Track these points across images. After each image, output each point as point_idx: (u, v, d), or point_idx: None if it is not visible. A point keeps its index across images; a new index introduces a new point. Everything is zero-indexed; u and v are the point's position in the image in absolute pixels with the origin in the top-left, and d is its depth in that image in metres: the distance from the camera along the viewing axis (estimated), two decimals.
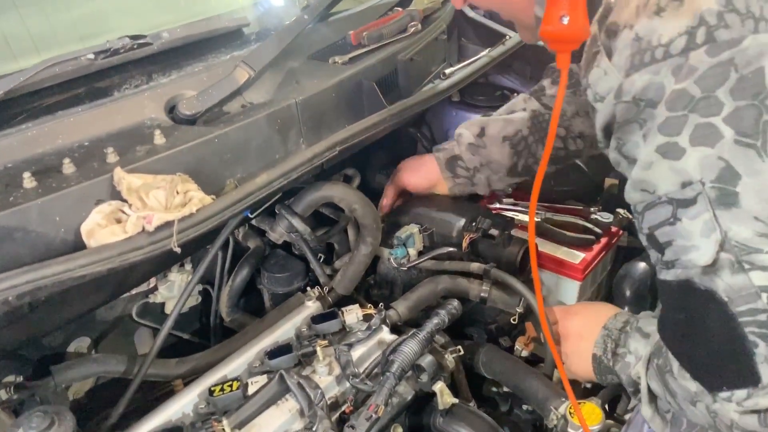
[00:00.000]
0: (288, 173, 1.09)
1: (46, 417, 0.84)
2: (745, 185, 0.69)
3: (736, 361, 0.75)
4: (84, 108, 1.05)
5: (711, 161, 0.70)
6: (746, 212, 0.70)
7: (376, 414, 1.03)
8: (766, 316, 0.72)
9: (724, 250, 0.72)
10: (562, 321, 1.17)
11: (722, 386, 0.78)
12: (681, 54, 0.71)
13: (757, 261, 0.71)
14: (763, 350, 0.73)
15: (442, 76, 1.47)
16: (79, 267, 0.84)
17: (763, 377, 0.74)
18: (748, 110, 0.68)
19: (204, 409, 1.06)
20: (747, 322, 0.73)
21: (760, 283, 0.72)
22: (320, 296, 1.31)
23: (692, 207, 0.73)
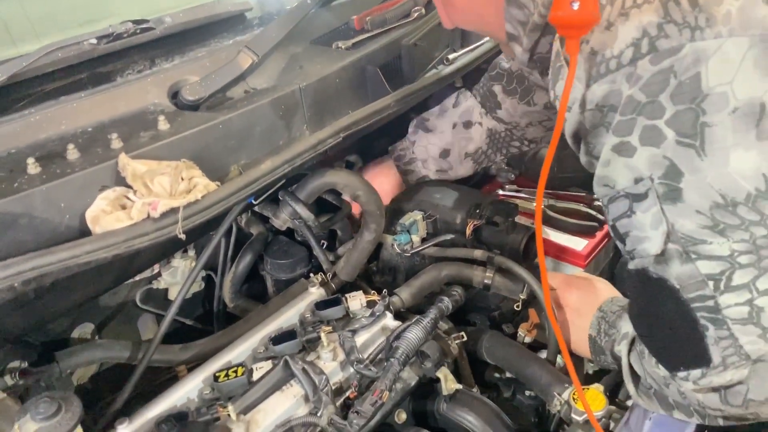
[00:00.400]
0: (292, 160, 1.09)
1: (53, 402, 0.84)
2: (687, 182, 0.75)
3: (690, 343, 0.81)
4: (87, 93, 1.04)
5: (658, 159, 0.76)
6: (689, 206, 0.75)
7: (381, 399, 1.04)
8: (713, 302, 0.78)
9: (671, 241, 0.78)
10: (561, 291, 1.19)
11: (680, 367, 0.85)
12: (630, 63, 0.76)
13: (702, 251, 0.77)
14: (713, 333, 0.79)
15: (446, 62, 1.46)
16: (84, 253, 0.84)
17: (714, 358, 0.80)
18: (686, 113, 0.73)
19: (209, 395, 1.07)
20: (698, 308, 0.79)
21: (706, 272, 0.77)
22: (324, 282, 1.31)
23: (644, 201, 0.79)
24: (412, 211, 1.41)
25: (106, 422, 1.05)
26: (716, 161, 0.73)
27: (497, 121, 1.48)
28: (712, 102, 0.72)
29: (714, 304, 0.78)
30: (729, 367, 0.80)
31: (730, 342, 0.79)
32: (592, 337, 1.10)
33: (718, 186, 0.73)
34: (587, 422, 1.05)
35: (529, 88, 1.42)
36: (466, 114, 1.49)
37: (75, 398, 0.87)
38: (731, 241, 0.75)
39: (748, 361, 0.79)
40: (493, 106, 1.46)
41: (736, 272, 0.76)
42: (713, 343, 0.79)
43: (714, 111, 0.72)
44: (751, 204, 0.73)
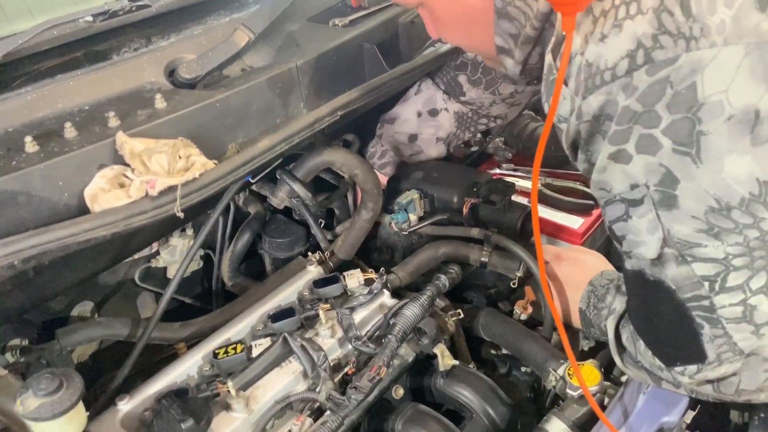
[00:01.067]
0: (290, 138, 1.09)
1: (55, 379, 0.85)
2: (682, 189, 0.76)
3: (687, 341, 0.84)
4: (83, 71, 1.04)
5: (654, 167, 0.77)
6: (685, 212, 0.77)
7: (379, 375, 1.05)
8: (708, 302, 0.80)
9: (668, 245, 0.80)
10: (552, 264, 1.21)
11: (677, 362, 0.88)
12: (626, 74, 0.77)
13: (698, 254, 0.79)
14: (708, 331, 0.82)
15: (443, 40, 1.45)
16: (83, 231, 0.84)
17: (709, 355, 0.83)
18: (682, 122, 0.74)
19: (208, 372, 1.08)
20: (694, 307, 0.81)
21: (701, 273, 0.79)
22: (322, 261, 1.32)
23: (640, 207, 0.80)
24: (409, 190, 1.42)
25: (107, 399, 1.06)
26: (712, 168, 0.74)
27: (462, 104, 1.49)
28: (707, 111, 0.72)
29: (709, 304, 0.80)
30: (724, 363, 0.83)
31: (724, 340, 0.81)
32: (582, 311, 1.12)
33: (713, 191, 0.75)
34: (582, 397, 1.06)
35: (494, 79, 1.44)
36: (430, 102, 1.49)
37: (76, 374, 0.88)
38: (726, 245, 0.77)
39: (742, 356, 0.82)
40: (457, 93, 1.48)
41: (731, 274, 0.78)
42: (708, 341, 0.82)
43: (709, 119, 0.73)
44: (744, 208, 0.75)
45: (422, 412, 1.11)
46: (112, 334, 1.15)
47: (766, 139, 0.72)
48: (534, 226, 0.94)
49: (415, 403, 1.13)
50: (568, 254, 1.23)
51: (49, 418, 0.83)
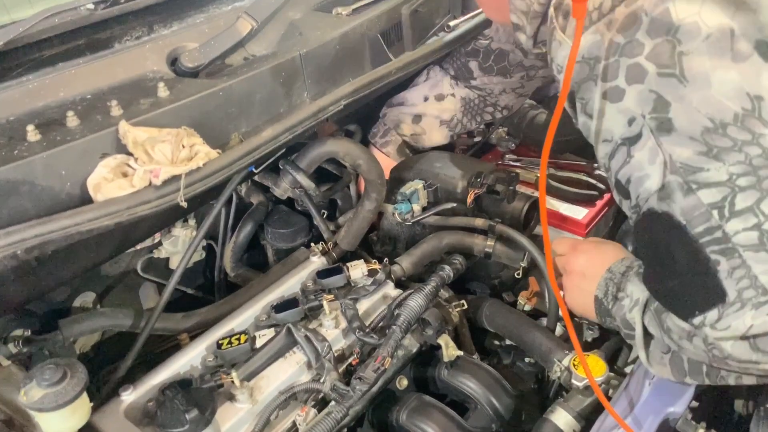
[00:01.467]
0: (293, 127, 1.08)
1: (59, 369, 0.84)
2: (675, 110, 0.78)
3: (703, 283, 0.80)
4: (85, 60, 1.03)
5: (645, 95, 0.79)
6: (682, 134, 0.78)
7: (383, 366, 1.04)
8: (720, 232, 0.77)
9: (671, 172, 0.79)
10: (569, 256, 1.17)
11: (695, 311, 0.82)
12: (610, 12, 0.82)
13: (701, 179, 0.77)
14: (725, 266, 0.77)
15: (447, 29, 1.44)
16: (87, 221, 0.83)
17: (729, 292, 0.78)
18: (663, 46, 0.78)
19: (212, 362, 1.08)
20: (706, 242, 0.78)
21: (709, 201, 0.77)
22: (325, 251, 1.31)
23: (640, 140, 0.82)
24: (412, 180, 1.41)
25: (110, 389, 1.06)
26: (698, 85, 0.76)
27: (470, 89, 1.51)
28: (685, 32, 0.76)
29: (722, 234, 0.77)
30: (746, 305, 0.77)
31: (744, 272, 0.77)
32: (598, 299, 1.09)
33: (705, 110, 0.76)
34: (587, 388, 1.06)
35: (506, 68, 1.47)
36: (437, 87, 1.51)
37: (80, 365, 0.88)
38: (727, 165, 0.76)
39: (765, 295, 0.76)
40: (467, 77, 1.51)
41: (738, 196, 0.76)
42: (726, 277, 0.78)
43: (688, 39, 0.76)
44: (740, 123, 0.75)
45: (426, 403, 1.11)
46: (115, 324, 1.14)
47: (746, 56, 0.75)
48: (542, 213, 0.94)
49: (419, 393, 1.13)
50: (585, 245, 1.20)
51: (53, 408, 0.83)
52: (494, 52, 1.46)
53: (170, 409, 0.92)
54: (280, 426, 1.03)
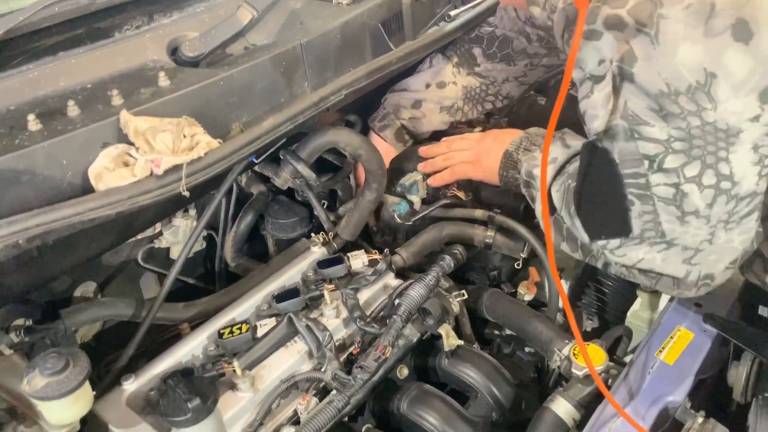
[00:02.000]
0: (294, 117, 1.08)
1: (61, 358, 0.85)
2: (639, 67, 0.84)
3: (616, 214, 0.93)
4: (85, 49, 1.02)
5: (619, 44, 0.85)
6: (639, 88, 0.84)
7: (384, 355, 1.05)
8: (645, 180, 0.88)
9: (622, 117, 0.87)
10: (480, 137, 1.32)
11: (601, 235, 0.97)
12: None
13: (644, 132, 0.86)
14: (638, 207, 0.90)
15: (447, 19, 1.43)
16: (88, 210, 0.83)
17: (634, 229, 0.92)
18: (645, 4, 0.83)
19: (213, 352, 1.08)
20: (629, 184, 0.90)
21: (644, 152, 0.87)
22: (325, 242, 1.31)
23: (601, 82, 0.89)
24: (412, 171, 1.41)
25: (112, 378, 1.06)
26: (666, 51, 0.82)
27: (473, 77, 1.51)
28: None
29: (645, 181, 0.88)
30: (645, 242, 0.92)
31: (651, 217, 0.90)
32: (507, 152, 1.19)
33: (665, 75, 0.82)
34: (587, 377, 1.07)
35: (509, 54, 1.48)
36: (439, 75, 1.50)
37: (82, 354, 0.88)
38: (670, 127, 0.84)
39: (662, 241, 0.91)
40: (471, 64, 1.50)
41: (669, 156, 0.86)
42: (636, 216, 0.91)
43: (670, 4, 0.81)
44: (690, 95, 0.81)
45: (427, 392, 1.11)
46: (116, 314, 1.14)
47: (718, 33, 0.79)
48: (542, 204, 0.94)
49: (420, 382, 1.14)
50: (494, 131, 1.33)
51: (55, 397, 0.83)
52: (498, 38, 1.46)
53: (172, 398, 0.92)
54: (281, 414, 1.04)
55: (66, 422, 0.89)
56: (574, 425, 1.05)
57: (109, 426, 0.95)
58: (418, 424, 1.07)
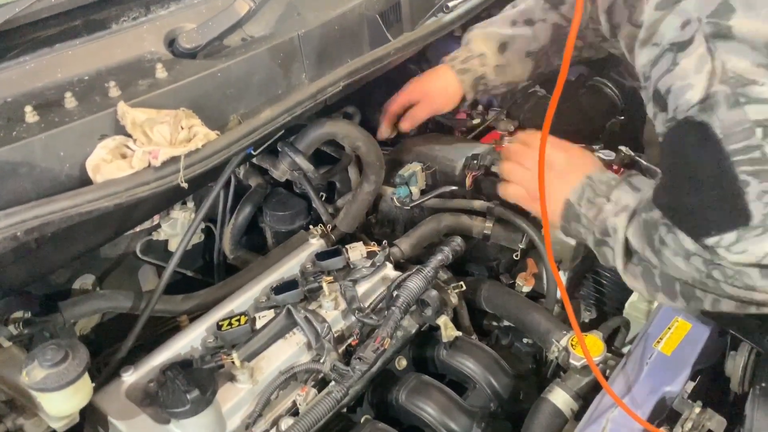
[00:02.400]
0: (292, 109, 1.07)
1: (60, 349, 0.85)
2: (738, 18, 0.71)
3: (727, 202, 0.76)
4: (82, 41, 1.02)
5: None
6: (742, 42, 0.72)
7: (383, 346, 1.05)
8: (759, 152, 0.72)
9: (721, 81, 0.73)
10: (549, 150, 1.10)
11: (710, 231, 0.78)
12: None
13: (752, 93, 0.72)
14: (756, 187, 0.73)
15: (445, 9, 1.43)
16: (86, 202, 0.83)
17: (754, 214, 0.74)
18: None
19: (212, 344, 1.08)
20: (740, 161, 0.73)
21: (755, 117, 0.72)
22: (324, 234, 1.32)
23: (689, 47, 0.75)
24: (411, 163, 1.41)
25: (111, 370, 1.07)
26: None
27: (561, 17, 1.36)
28: None
29: (761, 154, 0.72)
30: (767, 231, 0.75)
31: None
32: (569, 202, 1.06)
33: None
34: (584, 368, 1.07)
35: None
36: (527, 12, 1.38)
37: (81, 345, 0.88)
38: None
39: None
40: (557, 2, 1.36)
41: None
42: (755, 199, 0.73)
43: None
44: None
45: (425, 383, 1.12)
46: (115, 306, 1.15)
47: None
48: (541, 196, 0.93)
49: (418, 373, 1.15)
50: (567, 145, 1.14)
51: (55, 388, 0.84)
52: None
53: (171, 389, 0.92)
54: (280, 406, 1.04)
55: (65, 413, 0.89)
56: (572, 415, 1.05)
57: (109, 417, 0.96)
58: (416, 414, 1.08)
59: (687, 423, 0.97)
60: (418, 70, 1.81)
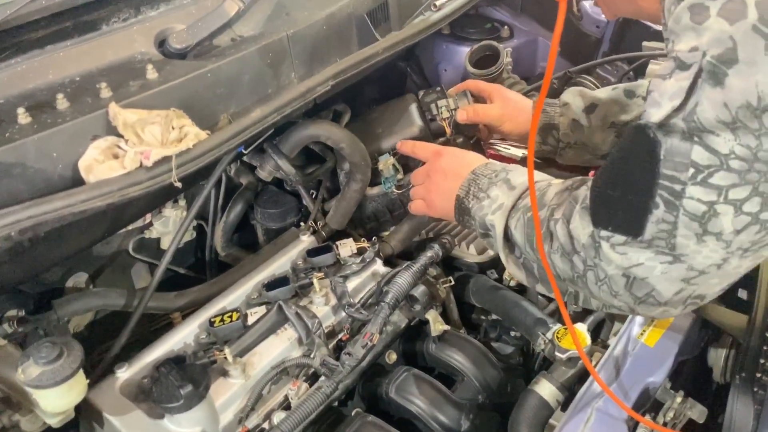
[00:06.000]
0: (282, 108, 1.09)
1: (55, 347, 0.86)
2: (736, 71, 0.72)
3: (634, 211, 0.83)
4: (73, 42, 1.03)
5: (723, 37, 0.73)
6: (722, 95, 0.73)
7: (372, 341, 1.07)
8: (681, 188, 0.78)
9: (685, 118, 0.76)
10: (432, 158, 1.21)
11: (608, 225, 0.86)
12: None
13: (706, 140, 0.76)
14: (659, 213, 0.80)
15: (433, 8, 1.45)
16: (80, 202, 0.85)
17: (646, 233, 0.82)
18: None
19: (205, 340, 1.10)
20: (662, 186, 0.79)
21: (695, 158, 0.76)
22: (314, 231, 1.33)
23: (684, 72, 0.76)
24: (380, 159, 1.38)
25: (105, 367, 1.08)
26: None
27: None
28: None
29: (680, 189, 0.78)
30: (650, 248, 0.83)
31: (668, 227, 0.81)
32: (459, 198, 1.12)
33: (762, 87, 0.71)
34: (570, 360, 1.10)
35: None
36: (634, 86, 1.36)
37: (76, 343, 0.90)
38: (736, 142, 0.74)
39: (670, 253, 0.82)
40: None
41: (720, 172, 0.76)
42: (654, 221, 0.81)
43: None
44: None
45: (415, 376, 1.14)
46: (108, 304, 1.16)
47: None
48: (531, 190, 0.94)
49: (408, 367, 1.16)
50: (449, 150, 1.22)
51: (50, 385, 0.85)
52: None
53: (165, 384, 0.94)
54: (273, 400, 1.06)
55: (61, 410, 0.91)
56: (558, 407, 1.07)
57: (103, 413, 0.97)
58: (405, 407, 1.10)
59: (669, 412, 1.00)
60: (407, 67, 1.84)
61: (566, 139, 1.40)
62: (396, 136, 1.39)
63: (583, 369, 1.08)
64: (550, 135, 1.41)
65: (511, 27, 1.85)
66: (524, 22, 1.86)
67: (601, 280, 0.89)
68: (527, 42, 1.84)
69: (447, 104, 1.39)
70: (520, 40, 1.84)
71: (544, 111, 1.41)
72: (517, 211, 1.02)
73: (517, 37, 1.85)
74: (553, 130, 1.40)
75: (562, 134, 1.40)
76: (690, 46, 0.76)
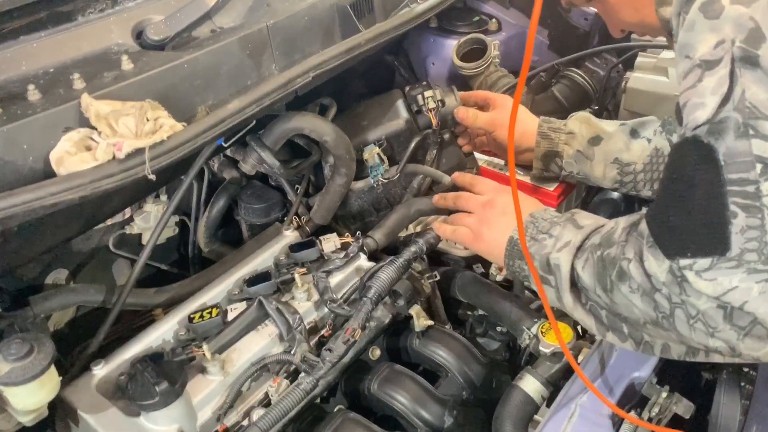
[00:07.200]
0: (261, 99, 1.07)
1: (25, 344, 0.84)
2: (766, 48, 0.71)
3: (710, 228, 0.75)
4: (47, 33, 1.01)
5: (743, 21, 0.72)
6: (764, 73, 0.72)
7: (353, 337, 1.05)
8: (754, 187, 0.72)
9: (735, 109, 0.73)
10: (494, 194, 1.19)
11: (686, 252, 0.77)
12: None
13: (762, 128, 0.72)
14: (741, 221, 0.73)
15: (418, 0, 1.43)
16: (49, 195, 0.82)
17: (733, 246, 0.74)
18: None
19: (184, 336, 1.08)
20: (733, 192, 0.73)
21: (758, 153, 0.72)
22: (298, 226, 1.31)
23: (716, 67, 0.75)
24: (365, 150, 1.38)
25: (82, 364, 1.06)
26: None
27: (667, 143, 1.31)
28: None
29: (755, 190, 0.72)
30: (742, 266, 0.73)
31: (757, 234, 0.72)
32: (512, 239, 1.07)
33: None
34: (554, 354, 1.08)
35: None
36: (639, 124, 1.35)
37: (47, 339, 0.88)
38: None
39: (764, 268, 0.73)
40: (671, 130, 1.31)
41: None
42: (738, 232, 0.73)
43: None
44: None
45: (398, 372, 1.12)
46: (86, 300, 1.14)
47: None
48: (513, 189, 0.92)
49: (391, 363, 1.15)
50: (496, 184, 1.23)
51: (20, 382, 0.83)
52: None
53: (141, 381, 0.92)
54: (252, 397, 1.05)
55: (32, 408, 0.89)
56: (542, 402, 1.06)
57: (78, 411, 0.95)
58: (388, 403, 1.08)
59: (654, 407, 0.99)
60: (394, 60, 1.82)
61: (569, 168, 1.40)
62: (381, 128, 1.38)
63: (568, 364, 1.07)
64: (553, 162, 1.41)
65: (500, 20, 1.83)
66: (513, 15, 1.84)
67: (693, 317, 0.79)
68: (516, 35, 1.82)
69: (433, 95, 1.38)
70: (509, 33, 1.82)
71: (548, 137, 1.40)
72: (584, 251, 0.95)
73: (506, 30, 1.83)
74: (557, 158, 1.40)
75: (565, 163, 1.40)
76: (712, 44, 0.75)
